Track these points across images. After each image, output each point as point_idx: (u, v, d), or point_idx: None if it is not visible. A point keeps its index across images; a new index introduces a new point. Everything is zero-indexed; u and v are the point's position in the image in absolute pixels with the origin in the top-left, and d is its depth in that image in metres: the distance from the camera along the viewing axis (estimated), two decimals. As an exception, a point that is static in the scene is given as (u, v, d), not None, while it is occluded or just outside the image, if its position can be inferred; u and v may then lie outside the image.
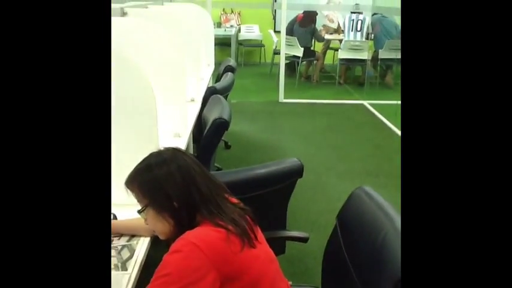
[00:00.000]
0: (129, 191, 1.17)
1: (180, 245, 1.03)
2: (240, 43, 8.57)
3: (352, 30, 6.85)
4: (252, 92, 6.50)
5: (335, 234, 1.36)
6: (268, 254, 1.20)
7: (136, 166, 1.17)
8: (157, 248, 1.29)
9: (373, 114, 5.49)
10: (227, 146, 4.17)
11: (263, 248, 1.18)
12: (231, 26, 8.53)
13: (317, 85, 7.12)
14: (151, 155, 1.18)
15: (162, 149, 1.21)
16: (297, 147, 4.32)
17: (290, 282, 1.31)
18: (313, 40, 7.19)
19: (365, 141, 4.56)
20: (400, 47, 6.73)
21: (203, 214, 1.10)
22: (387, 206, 1.22)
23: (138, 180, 1.14)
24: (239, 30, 8.63)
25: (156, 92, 1.56)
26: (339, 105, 5.93)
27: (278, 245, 1.40)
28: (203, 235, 1.06)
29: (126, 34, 2.06)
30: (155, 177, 1.13)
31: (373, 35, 6.89)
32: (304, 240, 1.69)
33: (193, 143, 2.76)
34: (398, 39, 6.81)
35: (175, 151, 1.20)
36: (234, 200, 1.22)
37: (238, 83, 3.94)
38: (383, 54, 6.68)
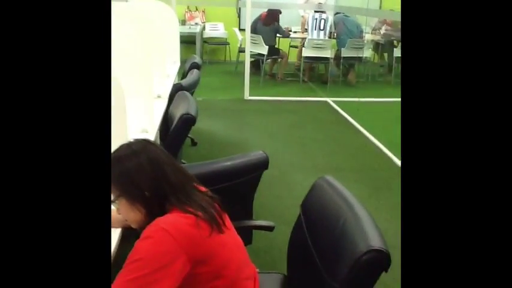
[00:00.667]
0: None
1: (150, 231, 1.07)
2: (205, 41, 8.56)
3: (315, 29, 6.96)
4: (217, 90, 6.52)
5: (299, 221, 1.43)
6: (236, 240, 1.26)
7: (107, 158, 1.19)
8: (128, 244, 1.31)
9: (336, 111, 5.62)
10: (193, 143, 4.17)
11: (231, 234, 1.24)
12: (196, 23, 8.50)
13: (282, 83, 7.21)
14: (121, 147, 1.21)
15: (131, 140, 1.24)
16: (262, 143, 4.38)
17: (257, 270, 1.37)
18: (276, 38, 7.28)
19: (328, 137, 4.67)
20: (361, 46, 6.93)
21: (173, 202, 1.14)
22: (347, 194, 1.29)
23: None
24: (204, 28, 8.62)
25: (123, 88, 1.59)
26: (303, 102, 6.04)
27: (245, 235, 1.44)
28: (173, 221, 1.10)
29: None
30: (126, 169, 1.16)
31: (335, 34, 7.03)
32: (270, 229, 1.74)
33: (160, 139, 2.77)
34: (360, 38, 6.99)
35: (145, 143, 1.23)
36: (203, 188, 1.27)
37: (204, 80, 3.95)
38: (345, 52, 6.83)
